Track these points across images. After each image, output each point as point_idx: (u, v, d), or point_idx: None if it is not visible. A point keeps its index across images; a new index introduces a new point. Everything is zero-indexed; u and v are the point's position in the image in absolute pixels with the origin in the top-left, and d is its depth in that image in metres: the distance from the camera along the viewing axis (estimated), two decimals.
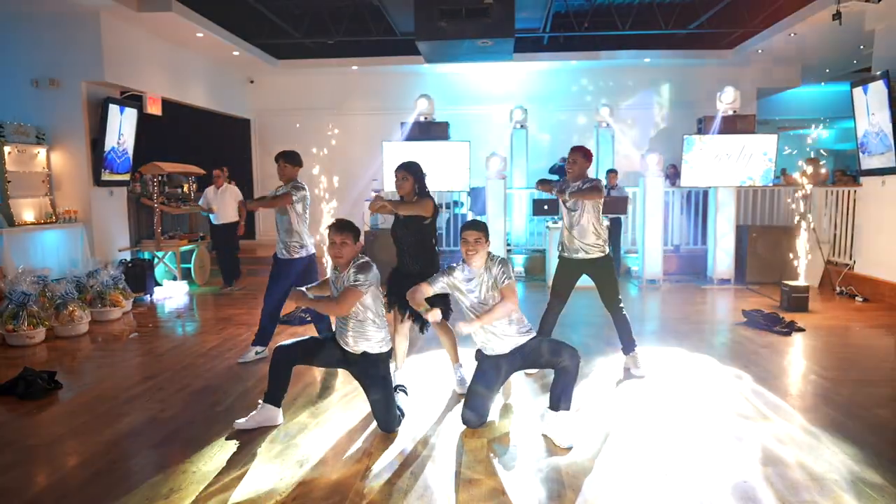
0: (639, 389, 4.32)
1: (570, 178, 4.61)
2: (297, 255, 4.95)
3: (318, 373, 4.66)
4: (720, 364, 4.87)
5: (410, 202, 4.07)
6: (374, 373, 3.60)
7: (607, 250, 4.65)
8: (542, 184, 4.80)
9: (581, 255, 4.58)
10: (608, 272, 4.62)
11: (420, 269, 4.03)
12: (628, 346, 4.68)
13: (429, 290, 3.57)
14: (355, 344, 3.59)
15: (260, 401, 3.67)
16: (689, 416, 3.82)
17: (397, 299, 4.11)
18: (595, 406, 3.98)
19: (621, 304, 4.63)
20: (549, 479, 3.02)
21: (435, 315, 3.42)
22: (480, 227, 3.57)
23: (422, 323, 4.11)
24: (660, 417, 3.79)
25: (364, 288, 3.46)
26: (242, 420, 3.61)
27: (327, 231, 3.62)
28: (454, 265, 3.64)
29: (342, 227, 3.55)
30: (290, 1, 9.48)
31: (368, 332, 3.58)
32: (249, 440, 3.47)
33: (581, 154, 4.58)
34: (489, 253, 3.62)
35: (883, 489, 2.87)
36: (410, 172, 4.06)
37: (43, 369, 4.48)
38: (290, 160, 5.03)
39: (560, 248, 4.73)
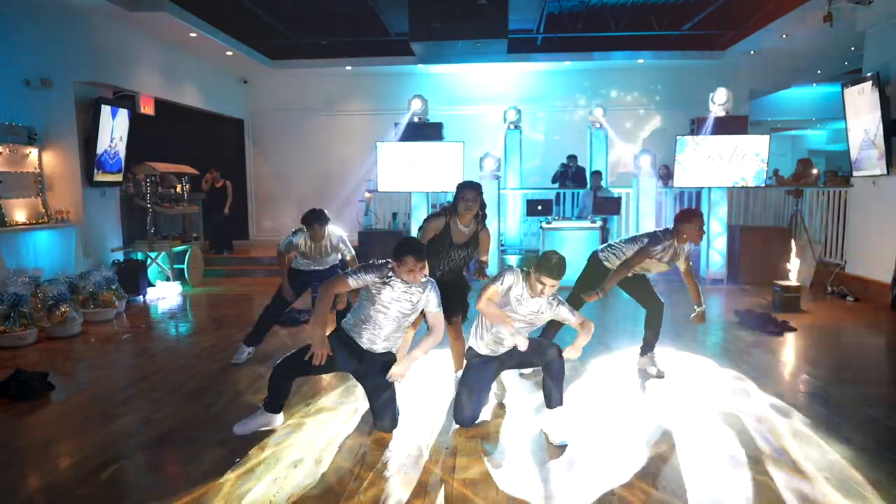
0: (632, 389, 4.34)
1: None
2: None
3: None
4: (713, 363, 4.89)
5: (486, 245, 4.08)
6: (386, 372, 3.61)
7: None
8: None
9: None
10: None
11: (456, 277, 4.11)
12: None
13: (497, 292, 3.49)
14: (385, 343, 3.60)
15: (260, 405, 3.64)
16: (682, 414, 3.84)
17: None
18: (589, 405, 3.99)
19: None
20: (542, 478, 3.03)
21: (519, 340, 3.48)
22: (557, 275, 3.34)
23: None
24: (653, 416, 3.81)
25: None
26: (240, 425, 3.57)
27: (403, 256, 3.36)
28: (512, 271, 3.53)
29: (423, 254, 3.41)
30: (284, 1, 9.46)
31: (399, 335, 3.65)
32: (244, 441, 3.46)
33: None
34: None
35: (874, 487, 2.90)
36: (481, 197, 3.96)
37: (35, 370, 4.46)
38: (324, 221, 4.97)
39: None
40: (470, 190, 3.90)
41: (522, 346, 3.43)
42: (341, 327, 3.68)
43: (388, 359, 3.64)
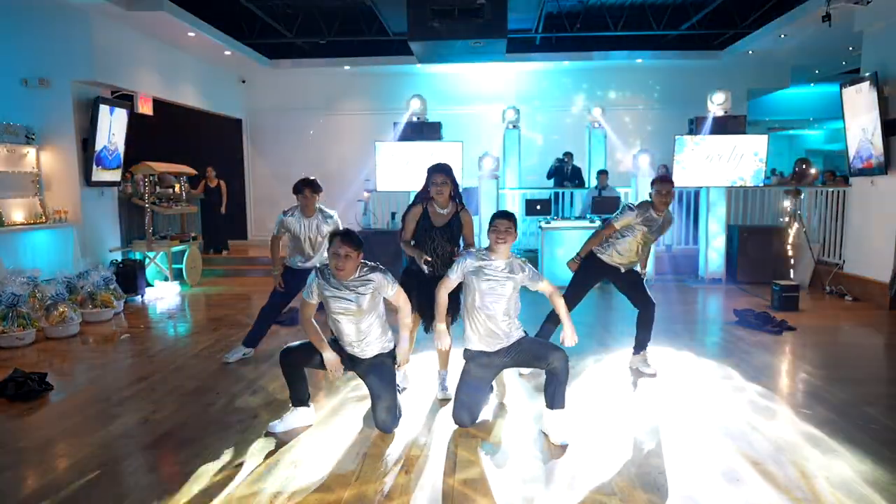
0: (631, 388, 4.34)
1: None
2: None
3: (311, 372, 4.64)
4: (712, 363, 4.89)
5: (470, 226, 4.06)
6: (384, 372, 3.59)
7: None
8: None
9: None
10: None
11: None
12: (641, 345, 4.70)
13: (453, 281, 3.59)
14: (368, 347, 3.58)
15: (290, 406, 3.69)
16: (681, 414, 3.84)
17: (426, 303, 4.01)
18: (588, 405, 3.99)
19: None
20: (543, 478, 3.03)
21: (444, 344, 3.54)
22: (511, 218, 3.56)
23: (427, 324, 4.10)
24: (652, 416, 3.81)
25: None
26: (274, 424, 3.61)
27: (331, 241, 3.38)
28: (465, 254, 3.63)
29: (346, 240, 3.34)
30: (283, 0, 9.45)
31: (379, 333, 3.60)
32: (243, 441, 3.46)
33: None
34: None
35: (873, 486, 2.90)
36: (450, 178, 3.96)
37: (34, 371, 4.45)
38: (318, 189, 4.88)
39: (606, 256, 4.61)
40: (439, 173, 3.94)
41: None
42: (334, 340, 3.68)
43: (380, 360, 3.62)
